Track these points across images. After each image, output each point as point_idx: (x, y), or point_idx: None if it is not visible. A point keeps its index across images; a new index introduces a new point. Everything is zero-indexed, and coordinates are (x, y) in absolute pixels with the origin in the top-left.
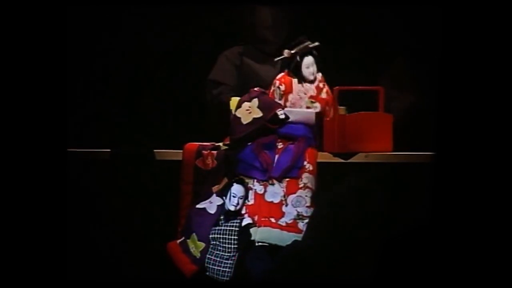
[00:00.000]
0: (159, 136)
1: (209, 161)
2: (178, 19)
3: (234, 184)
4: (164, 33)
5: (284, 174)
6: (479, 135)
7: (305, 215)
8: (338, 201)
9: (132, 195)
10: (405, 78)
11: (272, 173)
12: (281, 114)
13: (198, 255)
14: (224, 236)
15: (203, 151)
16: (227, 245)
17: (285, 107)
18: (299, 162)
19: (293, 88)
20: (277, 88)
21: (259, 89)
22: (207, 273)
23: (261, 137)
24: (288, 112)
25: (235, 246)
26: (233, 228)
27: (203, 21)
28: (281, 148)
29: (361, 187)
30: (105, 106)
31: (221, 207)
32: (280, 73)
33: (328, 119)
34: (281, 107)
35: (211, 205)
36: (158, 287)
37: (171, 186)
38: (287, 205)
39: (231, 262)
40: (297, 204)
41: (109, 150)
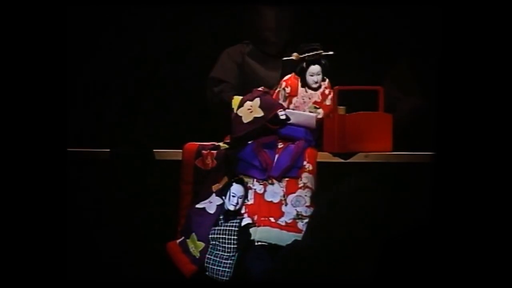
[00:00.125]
0: (159, 136)
1: (208, 161)
2: (178, 19)
3: (233, 183)
4: (164, 33)
5: (284, 173)
6: (479, 135)
7: (304, 214)
8: (337, 201)
9: (132, 195)
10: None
11: (272, 172)
12: (282, 115)
13: (197, 255)
14: (224, 236)
15: (203, 151)
16: (226, 245)
17: (288, 109)
18: (299, 162)
19: (298, 91)
20: (282, 90)
21: (263, 88)
22: (207, 273)
23: (261, 136)
24: (290, 113)
25: (235, 246)
26: (233, 228)
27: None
28: (281, 147)
29: (361, 187)
30: (105, 106)
31: (220, 207)
32: (281, 75)
33: (328, 119)
34: (283, 108)
35: (210, 205)
36: (158, 287)
37: (170, 186)
38: (286, 204)
39: (231, 262)
40: (296, 204)
41: (109, 150)
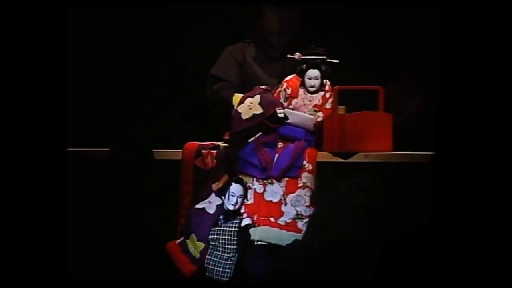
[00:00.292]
0: (158, 136)
1: (208, 160)
2: (178, 19)
3: (232, 183)
4: (164, 32)
5: (283, 173)
6: (479, 135)
7: (304, 214)
8: (337, 200)
9: (131, 195)
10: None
11: (271, 172)
12: (280, 113)
13: (197, 255)
14: (224, 237)
15: (203, 151)
16: (226, 246)
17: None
18: (299, 162)
19: (298, 93)
20: (283, 91)
21: (265, 86)
22: (207, 274)
23: (262, 135)
24: (288, 113)
25: (235, 246)
26: (233, 229)
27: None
28: (281, 147)
29: (360, 187)
30: (105, 106)
31: (220, 207)
32: (281, 76)
33: (328, 119)
34: (282, 106)
35: (210, 205)
36: (158, 287)
37: (170, 186)
38: (286, 204)
39: (231, 262)
40: (296, 204)
41: (109, 150)
